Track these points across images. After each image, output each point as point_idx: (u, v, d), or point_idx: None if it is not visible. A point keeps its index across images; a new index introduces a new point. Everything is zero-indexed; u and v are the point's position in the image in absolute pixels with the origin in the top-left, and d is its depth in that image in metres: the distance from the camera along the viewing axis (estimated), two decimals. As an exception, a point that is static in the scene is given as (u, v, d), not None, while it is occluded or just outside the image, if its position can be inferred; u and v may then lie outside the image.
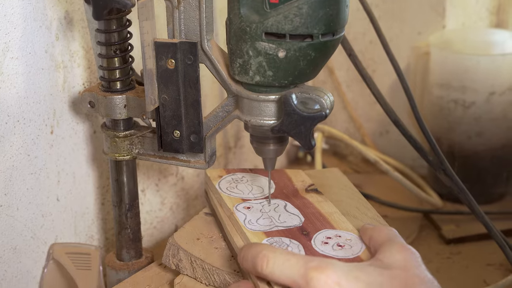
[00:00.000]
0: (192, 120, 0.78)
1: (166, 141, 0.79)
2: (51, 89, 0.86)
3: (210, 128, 0.79)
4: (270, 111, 0.74)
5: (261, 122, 0.74)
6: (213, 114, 0.79)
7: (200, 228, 0.82)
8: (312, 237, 0.74)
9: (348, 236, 0.74)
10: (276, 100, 0.73)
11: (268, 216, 0.78)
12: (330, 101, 0.73)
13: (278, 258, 0.65)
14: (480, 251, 1.00)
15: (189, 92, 0.76)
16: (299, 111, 0.71)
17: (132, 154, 0.83)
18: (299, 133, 0.71)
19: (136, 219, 0.87)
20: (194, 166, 0.81)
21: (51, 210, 0.88)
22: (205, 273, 0.76)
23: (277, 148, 0.77)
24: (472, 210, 0.87)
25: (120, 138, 0.82)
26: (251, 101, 0.74)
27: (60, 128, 0.88)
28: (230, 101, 0.77)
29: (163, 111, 0.78)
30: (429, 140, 0.90)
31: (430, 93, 1.11)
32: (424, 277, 0.65)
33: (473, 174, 1.10)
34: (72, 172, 0.91)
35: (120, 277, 0.86)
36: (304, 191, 0.84)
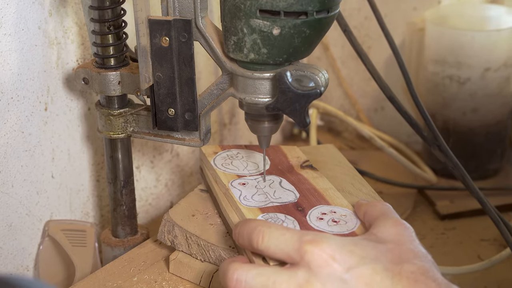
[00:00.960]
0: (186, 98, 0.77)
1: (161, 119, 0.79)
2: (45, 65, 0.85)
3: (204, 106, 0.79)
4: (264, 89, 0.74)
5: (255, 100, 0.74)
6: (207, 92, 0.79)
7: (195, 205, 0.82)
8: (307, 213, 0.75)
9: (343, 212, 0.74)
10: (271, 78, 0.73)
11: (263, 192, 0.79)
12: (325, 79, 0.73)
13: (273, 233, 0.65)
14: (474, 226, 1.01)
15: (184, 70, 0.76)
16: (293, 89, 0.71)
17: (127, 132, 0.83)
18: (294, 110, 0.71)
19: (131, 196, 0.87)
20: (189, 144, 0.81)
21: (46, 187, 0.88)
22: (200, 249, 0.76)
23: (272, 126, 0.77)
24: (467, 186, 0.87)
25: (114, 116, 0.82)
26: (245, 78, 0.74)
27: (54, 105, 0.87)
28: (224, 78, 0.77)
29: (158, 89, 0.77)
30: (424, 116, 0.90)
31: (425, 69, 1.11)
32: (418, 251, 0.65)
33: (467, 150, 1.10)
34: (67, 149, 0.90)
35: (116, 254, 0.86)
36: (299, 167, 0.84)
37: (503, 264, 0.90)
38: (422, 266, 0.63)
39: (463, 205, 1.04)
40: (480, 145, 1.10)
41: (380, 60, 1.18)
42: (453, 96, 1.08)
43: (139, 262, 0.81)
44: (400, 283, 0.62)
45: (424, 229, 1.01)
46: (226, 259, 0.71)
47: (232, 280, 0.64)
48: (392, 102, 0.89)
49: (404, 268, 0.63)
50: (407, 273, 0.63)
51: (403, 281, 0.62)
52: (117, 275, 0.79)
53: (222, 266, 0.66)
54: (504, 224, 0.86)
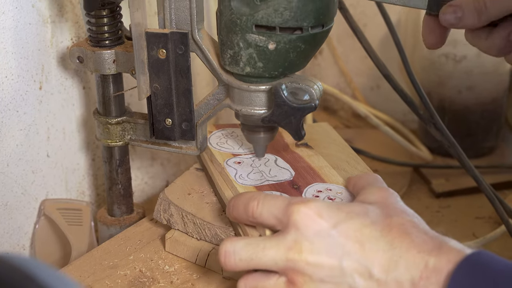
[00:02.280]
0: (183, 108, 0.78)
1: (158, 128, 0.80)
2: (39, 44, 0.85)
3: (201, 116, 0.80)
4: (260, 101, 0.75)
5: (251, 112, 0.75)
6: (204, 102, 0.79)
7: (191, 183, 0.82)
8: (303, 190, 0.75)
9: (339, 190, 0.75)
10: (267, 90, 0.74)
11: (259, 170, 0.79)
12: (319, 91, 0.74)
13: (267, 199, 0.66)
14: (470, 204, 1.01)
15: (181, 81, 0.77)
16: (289, 103, 0.72)
17: (125, 140, 0.84)
18: (289, 123, 0.73)
19: (126, 174, 0.87)
20: (186, 152, 0.82)
21: (41, 166, 0.88)
22: (196, 227, 0.77)
23: (267, 136, 0.78)
24: (462, 164, 0.87)
25: (112, 124, 0.83)
26: (241, 91, 0.75)
27: (49, 83, 0.87)
28: (221, 89, 0.78)
29: (155, 99, 0.78)
30: (420, 94, 0.90)
31: (421, 47, 1.11)
32: (405, 209, 0.65)
33: (463, 128, 1.10)
34: (62, 128, 0.90)
35: (112, 233, 0.87)
36: (295, 146, 0.84)
37: (498, 242, 0.90)
38: (411, 220, 0.63)
39: (458, 183, 1.04)
40: (475, 123, 1.10)
41: (376, 38, 1.18)
42: (449, 74, 1.08)
43: (135, 240, 0.81)
44: (389, 235, 0.61)
45: (419, 207, 1.01)
46: (222, 238, 0.71)
47: (222, 253, 0.65)
48: (388, 80, 0.89)
49: (393, 221, 0.62)
50: (396, 224, 0.62)
51: (393, 232, 0.61)
52: (113, 254, 0.79)
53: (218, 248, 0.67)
54: (499, 202, 0.86)
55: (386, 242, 0.61)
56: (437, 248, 0.60)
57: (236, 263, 0.64)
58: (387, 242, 0.61)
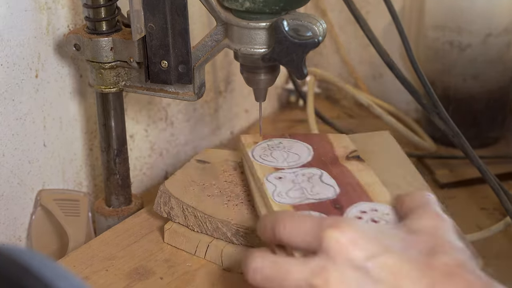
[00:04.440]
0: (180, 49, 0.77)
1: (154, 71, 0.78)
2: (35, 31, 0.84)
3: (198, 58, 0.78)
4: (260, 39, 0.73)
5: (251, 51, 0.74)
6: (201, 44, 0.78)
7: (192, 176, 0.82)
8: (345, 211, 0.68)
9: (386, 210, 0.67)
10: (267, 28, 0.72)
11: (300, 187, 0.73)
12: (323, 28, 0.72)
13: (295, 221, 0.61)
14: (474, 195, 1.01)
15: (177, 20, 0.75)
16: (290, 38, 0.70)
17: (119, 86, 0.82)
18: (291, 61, 0.71)
19: (125, 164, 0.87)
20: (183, 98, 0.80)
21: (37, 156, 0.88)
22: (197, 220, 0.76)
23: (268, 78, 0.77)
24: (467, 154, 0.87)
25: (105, 69, 0.81)
26: (241, 28, 0.73)
27: (45, 72, 0.87)
28: (219, 29, 0.77)
29: (150, 40, 0.77)
30: (424, 83, 0.90)
31: (425, 35, 1.10)
32: (455, 244, 0.59)
33: (467, 117, 1.10)
34: (59, 117, 0.90)
35: (110, 224, 0.87)
36: (345, 159, 0.78)
37: (503, 234, 0.90)
38: (458, 258, 0.57)
39: (462, 174, 1.04)
40: (480, 113, 1.10)
41: (379, 25, 1.18)
42: (453, 62, 1.08)
43: (133, 231, 0.82)
44: (432, 275, 0.56)
45: (422, 198, 1.01)
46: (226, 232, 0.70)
47: (251, 268, 0.61)
48: (391, 69, 0.89)
49: (436, 259, 0.57)
50: (440, 264, 0.57)
51: (435, 273, 0.56)
52: (111, 245, 0.79)
53: (245, 257, 0.62)
54: (504, 193, 0.86)
55: (425, 285, 0.55)
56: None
57: (262, 280, 0.60)
58: (428, 283, 0.55)
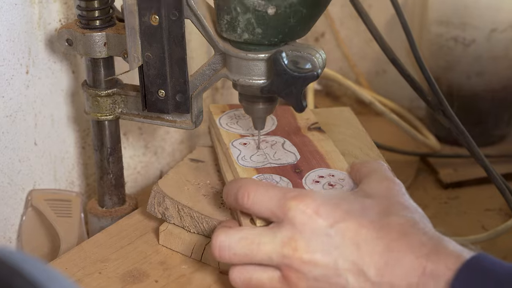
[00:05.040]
0: (177, 79, 0.78)
1: (151, 100, 0.79)
2: (26, 26, 0.84)
3: (196, 87, 0.79)
4: (259, 70, 0.74)
5: (250, 82, 0.75)
6: (199, 72, 0.79)
7: (186, 175, 0.82)
8: (304, 175, 0.76)
9: (342, 176, 0.76)
10: (266, 59, 0.73)
11: (264, 153, 0.80)
12: (322, 59, 0.73)
13: (259, 190, 0.66)
14: (479, 195, 1.01)
15: (174, 50, 0.76)
16: (289, 71, 0.71)
17: (115, 113, 0.83)
18: (290, 93, 0.72)
19: (118, 163, 0.87)
20: (180, 126, 0.81)
21: (28, 155, 0.88)
22: (194, 221, 0.76)
23: (267, 107, 0.78)
24: (471, 153, 0.87)
25: (102, 97, 0.82)
26: (239, 59, 0.74)
27: (36, 67, 0.87)
28: (217, 58, 0.77)
29: (147, 69, 0.77)
30: (428, 79, 0.89)
31: (429, 30, 1.10)
32: (408, 204, 0.66)
33: (472, 115, 1.10)
34: (50, 114, 0.90)
35: (103, 225, 0.87)
36: (307, 129, 0.85)
37: (509, 235, 0.90)
38: (411, 218, 0.64)
39: (467, 173, 1.04)
40: (485, 110, 1.10)
41: (382, 20, 1.18)
42: (458, 59, 1.08)
43: (127, 233, 0.81)
44: (387, 236, 0.62)
45: (426, 198, 1.01)
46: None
47: (216, 246, 0.66)
48: (394, 65, 0.89)
49: (391, 220, 0.63)
50: (395, 225, 0.63)
51: (391, 234, 0.62)
52: (104, 247, 0.79)
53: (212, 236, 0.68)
54: (510, 193, 0.86)
55: (383, 245, 0.62)
56: (435, 252, 0.60)
57: (231, 257, 0.66)
58: (384, 244, 0.62)
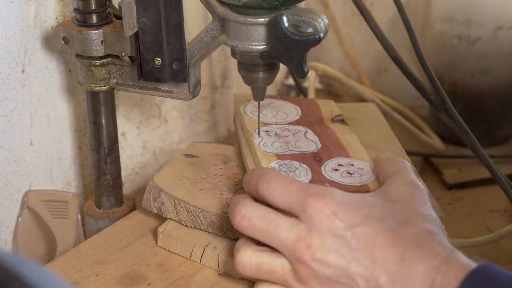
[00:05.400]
0: (174, 46, 0.77)
1: (147, 69, 0.78)
2: (22, 24, 0.84)
3: (194, 55, 0.78)
4: (259, 35, 0.73)
5: (249, 48, 0.74)
6: (197, 40, 0.78)
7: (181, 170, 0.83)
8: (323, 163, 0.77)
9: (361, 165, 0.76)
10: (266, 23, 0.72)
11: (285, 140, 0.81)
12: (324, 24, 0.73)
13: (280, 182, 0.67)
14: (483, 196, 1.01)
15: (171, 15, 0.75)
16: (290, 35, 0.70)
17: (110, 84, 0.82)
18: (291, 58, 0.71)
19: (116, 164, 0.87)
20: (177, 96, 0.81)
21: (24, 155, 0.88)
22: (190, 215, 0.77)
23: (267, 77, 0.77)
24: (476, 153, 0.87)
25: (96, 66, 0.81)
26: (238, 24, 0.73)
27: (32, 66, 0.87)
28: (215, 25, 0.77)
29: (143, 36, 0.77)
30: (431, 78, 0.89)
31: (432, 28, 1.10)
32: (428, 214, 0.66)
33: (477, 114, 1.10)
34: (46, 114, 0.90)
35: (100, 226, 0.87)
36: (330, 121, 0.85)
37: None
38: (428, 229, 0.64)
39: (471, 174, 1.04)
40: (490, 110, 1.10)
41: (384, 18, 1.18)
42: (462, 56, 1.08)
43: (125, 235, 0.81)
44: (402, 244, 0.63)
45: (429, 199, 1.01)
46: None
47: (239, 214, 0.67)
48: (396, 63, 0.89)
49: (409, 230, 0.64)
50: (411, 235, 0.64)
51: (405, 243, 0.63)
52: (101, 249, 0.79)
53: (233, 199, 0.69)
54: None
55: (397, 254, 0.63)
56: (445, 264, 0.61)
57: (248, 227, 0.67)
58: (398, 253, 0.63)
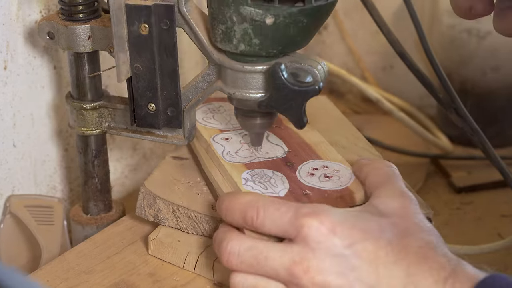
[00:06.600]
0: (169, 91, 0.78)
1: (140, 115, 0.79)
2: (3, 18, 0.84)
3: (189, 100, 0.79)
4: (256, 83, 0.74)
5: (246, 96, 0.75)
6: (192, 85, 0.79)
7: (173, 174, 0.83)
8: (296, 168, 0.78)
9: (336, 167, 0.78)
10: (264, 71, 0.74)
11: (249, 147, 0.81)
12: (324, 71, 0.74)
13: (269, 207, 0.66)
14: (494, 200, 1.01)
15: (165, 61, 0.77)
16: (289, 85, 0.71)
17: (102, 128, 0.84)
18: (290, 109, 0.72)
19: (104, 167, 0.87)
20: (172, 141, 0.82)
21: (6, 157, 0.88)
22: (192, 222, 0.77)
23: (265, 122, 0.78)
24: (486, 154, 0.87)
25: (87, 110, 0.82)
26: (235, 72, 0.75)
27: (14, 63, 0.87)
28: (211, 70, 0.78)
29: (136, 81, 0.78)
30: (439, 74, 0.90)
31: (440, 22, 1.11)
32: (424, 225, 0.67)
33: (487, 114, 1.10)
34: (30, 113, 0.90)
35: (87, 233, 0.87)
36: (288, 121, 0.85)
37: (527, 243, 0.90)
38: (430, 241, 0.65)
39: (482, 177, 1.04)
40: (501, 109, 1.10)
41: (389, 10, 1.18)
42: (472, 52, 1.08)
43: (114, 242, 0.82)
44: (406, 258, 0.63)
45: (437, 203, 1.01)
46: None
47: (226, 251, 0.67)
48: (402, 59, 0.89)
49: (410, 242, 0.64)
50: (414, 248, 0.64)
51: (409, 257, 0.63)
52: (89, 257, 0.79)
53: (217, 234, 0.68)
54: (529, 198, 0.86)
55: (402, 269, 0.63)
56: (454, 275, 0.62)
57: (238, 265, 0.66)
58: (403, 269, 0.63)
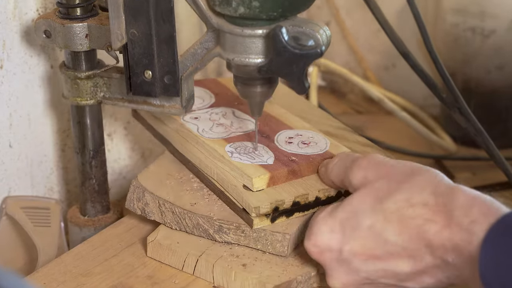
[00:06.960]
0: (166, 58, 0.77)
1: (136, 83, 0.79)
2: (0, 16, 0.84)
3: (186, 68, 0.79)
4: (256, 48, 0.74)
5: (246, 61, 0.74)
6: (190, 52, 0.79)
7: (167, 168, 0.84)
8: (273, 138, 0.83)
9: (309, 134, 0.84)
10: (264, 35, 0.73)
11: (220, 123, 0.84)
12: (326, 36, 0.73)
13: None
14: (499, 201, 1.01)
15: (162, 26, 0.76)
16: (290, 48, 0.71)
17: (97, 98, 0.83)
18: (291, 73, 0.72)
19: (102, 168, 0.87)
20: (169, 111, 0.81)
21: (2, 158, 0.88)
22: (175, 217, 0.78)
23: (265, 90, 0.78)
24: (491, 155, 0.87)
25: (82, 79, 0.82)
26: (234, 36, 0.74)
27: (11, 62, 0.87)
28: (210, 36, 0.77)
29: (132, 48, 0.77)
30: (443, 74, 0.90)
31: (444, 20, 1.11)
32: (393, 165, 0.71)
33: (492, 114, 1.10)
34: (27, 113, 0.90)
35: (85, 235, 0.87)
36: None
37: (532, 245, 0.90)
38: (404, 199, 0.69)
39: (486, 178, 1.04)
40: (506, 109, 1.10)
41: (391, 8, 1.18)
42: (476, 51, 1.08)
43: (112, 244, 0.82)
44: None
45: (441, 205, 1.01)
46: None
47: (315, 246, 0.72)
48: (405, 59, 0.89)
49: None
50: None
51: None
52: (86, 260, 0.79)
53: None
54: (534, 199, 0.86)
55: None
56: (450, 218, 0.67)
57: None
58: None
